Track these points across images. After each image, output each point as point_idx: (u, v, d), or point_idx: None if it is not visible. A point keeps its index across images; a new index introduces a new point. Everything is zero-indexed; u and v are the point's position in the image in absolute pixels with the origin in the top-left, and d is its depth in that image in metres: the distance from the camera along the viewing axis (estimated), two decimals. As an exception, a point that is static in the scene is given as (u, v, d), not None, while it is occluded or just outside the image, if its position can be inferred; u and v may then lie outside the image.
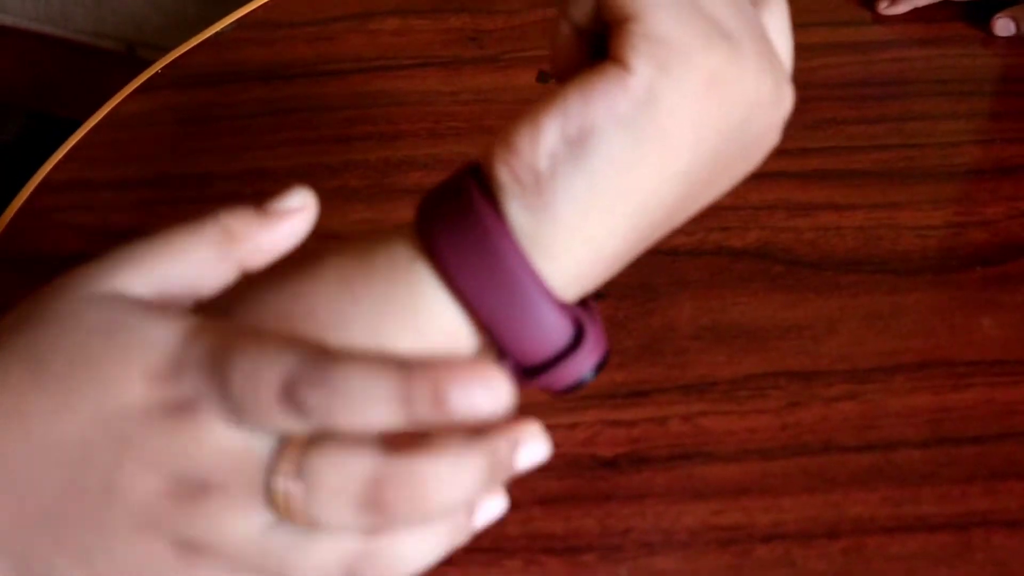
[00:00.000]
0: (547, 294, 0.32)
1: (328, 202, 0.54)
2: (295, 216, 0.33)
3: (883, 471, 0.44)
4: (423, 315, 0.33)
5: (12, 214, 0.55)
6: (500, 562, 0.41)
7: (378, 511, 0.27)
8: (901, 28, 0.63)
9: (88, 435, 0.29)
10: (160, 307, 0.31)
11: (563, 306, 0.33)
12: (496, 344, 0.33)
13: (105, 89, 1.11)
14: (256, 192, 0.55)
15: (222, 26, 0.63)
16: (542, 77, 0.60)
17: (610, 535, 0.42)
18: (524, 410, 0.46)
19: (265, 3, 0.65)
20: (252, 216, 0.33)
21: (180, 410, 0.29)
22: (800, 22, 0.62)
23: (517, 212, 0.32)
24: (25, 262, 0.53)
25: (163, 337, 0.30)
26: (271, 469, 0.28)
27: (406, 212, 0.53)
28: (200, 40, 0.62)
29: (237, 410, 0.28)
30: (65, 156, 0.57)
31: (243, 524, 0.28)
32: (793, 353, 0.48)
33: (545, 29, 0.63)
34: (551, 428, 0.45)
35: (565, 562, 0.41)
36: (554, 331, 0.33)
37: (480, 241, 0.32)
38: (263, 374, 0.28)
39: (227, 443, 0.28)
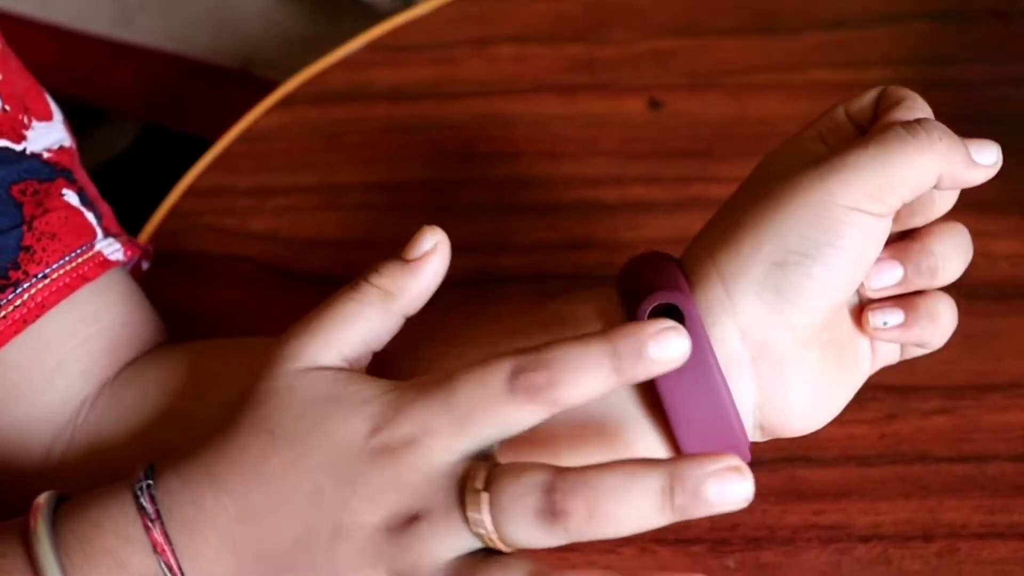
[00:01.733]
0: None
1: (451, 215, 0.58)
2: (433, 257, 0.38)
3: (976, 481, 0.47)
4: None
5: (161, 217, 0.59)
6: (617, 549, 0.44)
7: (554, 518, 0.31)
8: (1000, 70, 0.66)
9: (320, 482, 0.33)
10: (357, 372, 0.37)
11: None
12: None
13: (220, 103, 1.16)
14: (387, 203, 0.59)
15: (353, 48, 0.67)
16: (653, 104, 0.64)
17: (719, 529, 0.45)
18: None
19: (392, 28, 0.69)
20: (399, 270, 0.38)
21: (402, 446, 0.33)
22: (901, 58, 0.66)
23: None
24: (173, 259, 0.58)
25: (376, 392, 0.35)
26: (464, 485, 0.32)
27: (524, 227, 0.57)
28: (333, 61, 0.67)
29: (463, 421, 0.32)
30: (209, 165, 0.61)
31: (446, 546, 0.32)
32: (891, 369, 0.50)
33: (655, 58, 0.66)
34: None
35: (676, 551, 0.44)
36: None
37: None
38: (488, 377, 0.32)
39: (438, 467, 0.33)
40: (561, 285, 0.54)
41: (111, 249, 0.45)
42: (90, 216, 0.45)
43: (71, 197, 0.45)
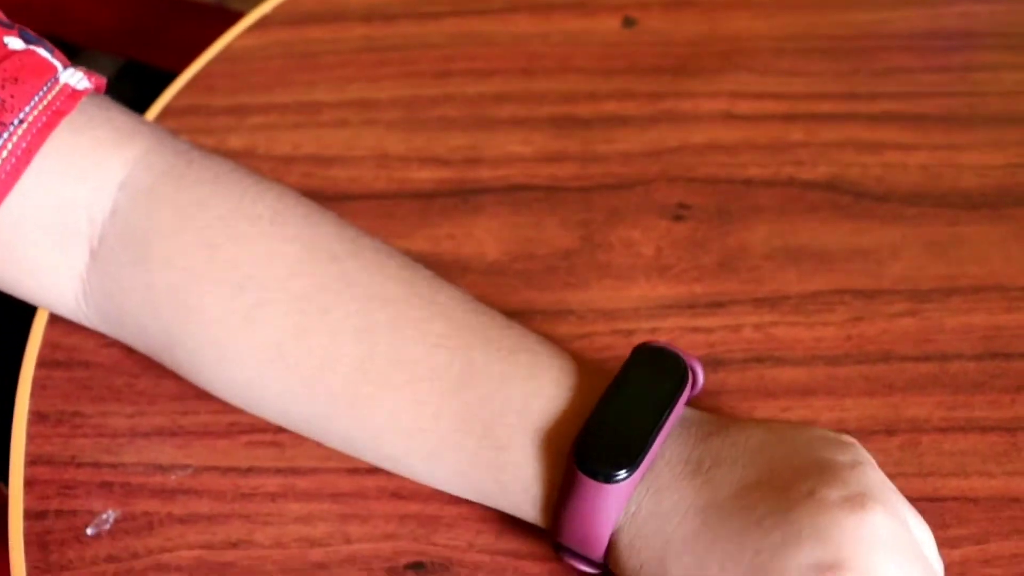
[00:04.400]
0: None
1: (427, 129, 0.59)
2: None
3: (938, 379, 0.48)
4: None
5: (140, 134, 0.60)
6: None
7: None
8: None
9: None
10: None
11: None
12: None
13: (197, 39, 1.16)
14: (363, 120, 0.60)
15: (328, -30, 0.68)
16: (627, 22, 0.64)
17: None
18: (615, 328, 0.50)
19: (367, -51, 0.69)
20: None
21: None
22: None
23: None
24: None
25: None
26: None
27: (499, 140, 0.58)
28: (308, -18, 0.67)
29: None
30: (185, 85, 0.62)
31: None
32: (858, 274, 0.52)
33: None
34: (634, 333, 0.50)
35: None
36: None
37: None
38: None
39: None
40: (537, 196, 0.55)
41: (76, 79, 0.44)
42: (42, 52, 0.44)
43: (14, 42, 0.44)
